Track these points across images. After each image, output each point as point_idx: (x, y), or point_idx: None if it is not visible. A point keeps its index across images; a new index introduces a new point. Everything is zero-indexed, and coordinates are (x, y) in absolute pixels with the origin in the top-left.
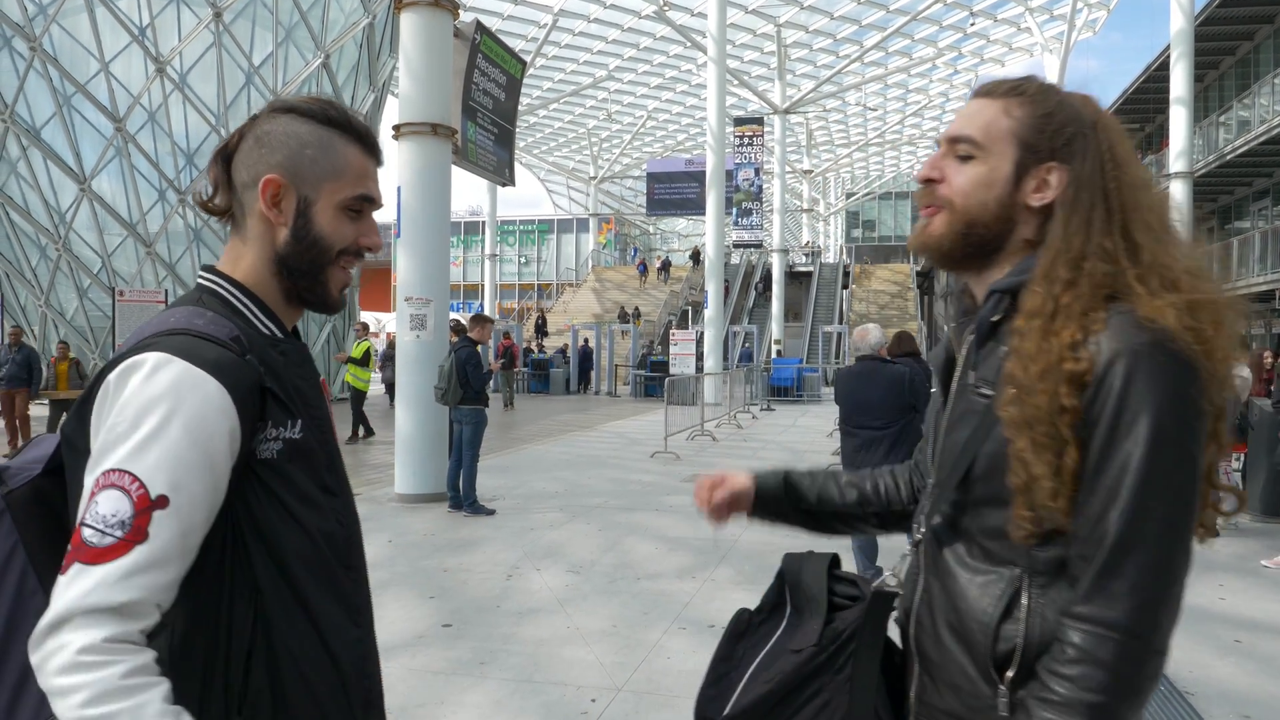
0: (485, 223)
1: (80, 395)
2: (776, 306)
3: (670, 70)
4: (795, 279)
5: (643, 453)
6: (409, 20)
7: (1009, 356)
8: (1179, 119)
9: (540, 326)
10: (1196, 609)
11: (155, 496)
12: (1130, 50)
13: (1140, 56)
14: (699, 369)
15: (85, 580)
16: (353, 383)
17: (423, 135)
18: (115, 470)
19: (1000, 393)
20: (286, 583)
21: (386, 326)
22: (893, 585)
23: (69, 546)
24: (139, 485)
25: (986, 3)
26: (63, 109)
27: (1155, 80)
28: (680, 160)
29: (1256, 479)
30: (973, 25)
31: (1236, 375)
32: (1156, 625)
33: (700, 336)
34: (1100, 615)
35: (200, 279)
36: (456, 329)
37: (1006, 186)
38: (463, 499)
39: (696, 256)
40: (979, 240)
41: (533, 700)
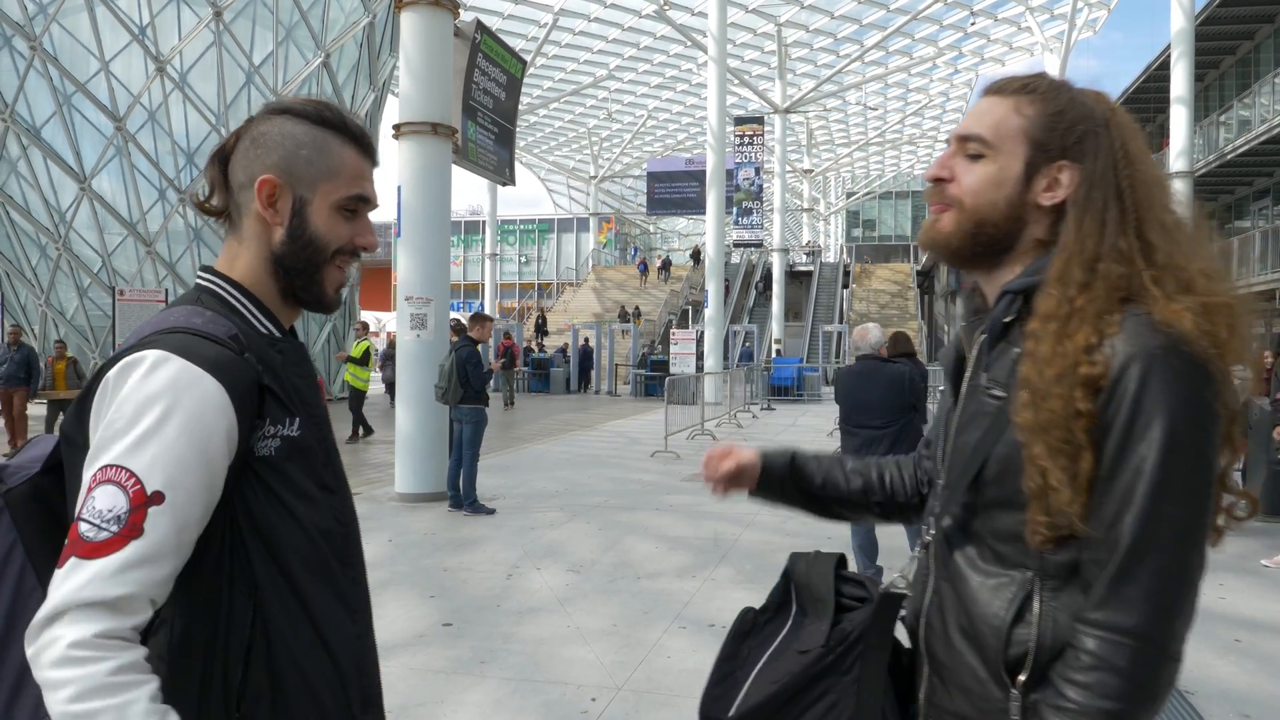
0: (485, 222)
1: (80, 393)
2: (777, 306)
3: (670, 69)
4: (795, 278)
5: (643, 452)
6: (409, 19)
7: (1023, 359)
8: (1179, 118)
9: (540, 326)
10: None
11: (151, 493)
12: (1131, 50)
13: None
14: (699, 368)
15: (81, 574)
16: (352, 382)
17: (423, 135)
18: (112, 466)
19: (1013, 395)
20: (285, 580)
21: (387, 326)
22: (901, 587)
23: (66, 541)
24: (135, 481)
25: (987, 2)
26: (63, 108)
27: (1156, 80)
28: (680, 159)
29: (1256, 478)
30: (973, 25)
31: (1236, 375)
32: (1172, 631)
33: (700, 336)
34: (1115, 621)
35: (199, 279)
36: (457, 328)
37: (1016, 186)
38: (463, 498)
39: (697, 256)
40: (988, 239)
41: (533, 699)
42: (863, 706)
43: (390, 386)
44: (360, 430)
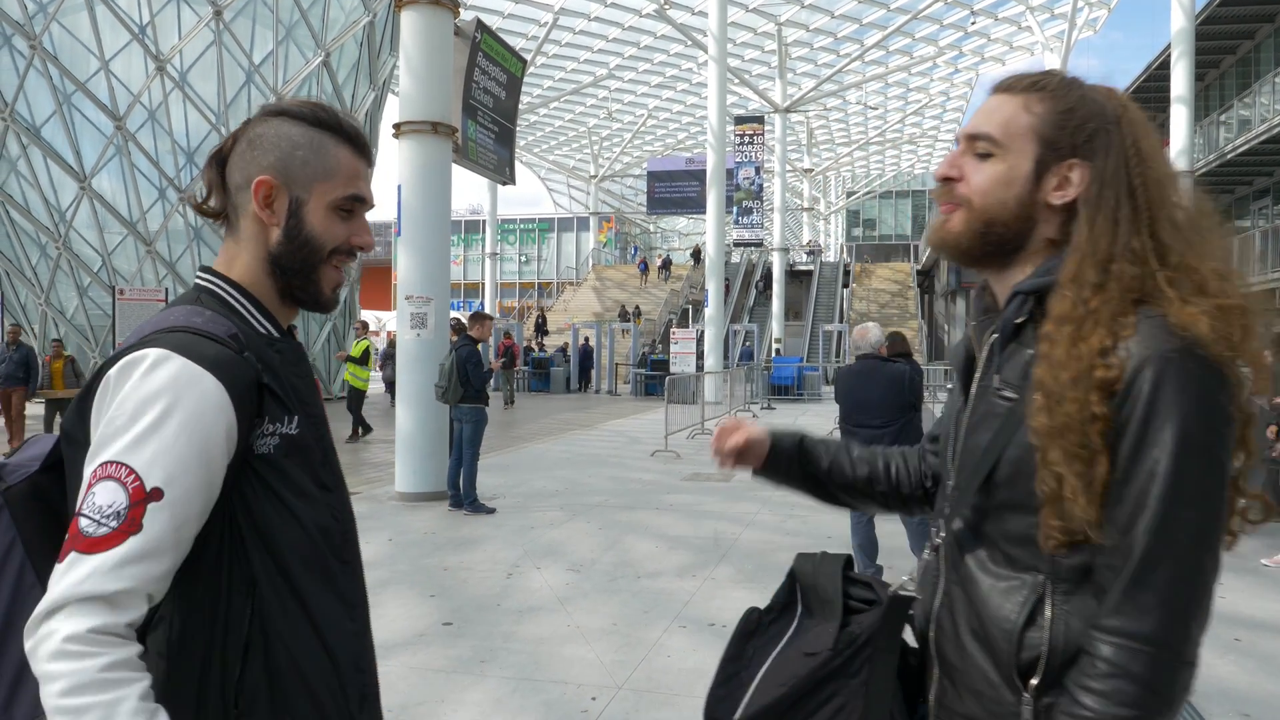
0: (486, 221)
1: (80, 391)
2: (777, 305)
3: (671, 69)
4: (796, 278)
5: (643, 451)
6: (409, 18)
7: (1038, 362)
8: (1180, 118)
9: (540, 325)
10: None
11: (150, 489)
12: (1131, 49)
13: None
14: (699, 368)
15: (80, 569)
16: (351, 381)
17: (423, 134)
18: (112, 462)
19: (1024, 397)
20: (283, 577)
21: (387, 325)
22: (910, 590)
23: (66, 536)
24: (135, 478)
25: (987, 1)
26: (63, 107)
27: (1156, 79)
28: (681, 159)
29: (1255, 478)
30: (973, 24)
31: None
32: (1188, 636)
33: (701, 335)
34: (1131, 628)
35: (198, 278)
36: (457, 328)
37: (1026, 185)
38: (463, 497)
39: (697, 255)
40: (998, 239)
41: (533, 698)
42: (871, 710)
43: (390, 385)
44: (360, 430)
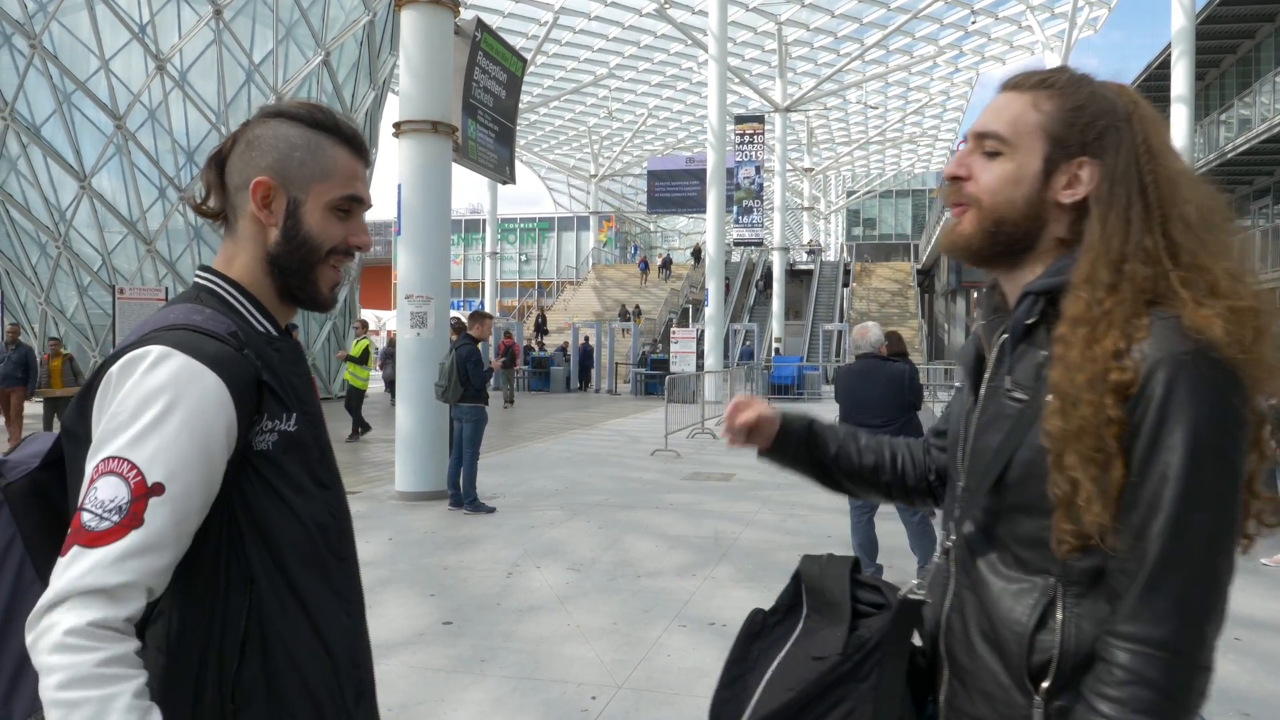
0: (486, 220)
1: (81, 388)
2: (777, 304)
3: (671, 68)
4: (796, 277)
5: (643, 451)
6: (409, 18)
7: (1053, 365)
8: (1180, 117)
9: (540, 325)
10: None
11: (152, 484)
12: (1131, 48)
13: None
14: (699, 367)
15: (83, 562)
16: (351, 381)
17: (423, 133)
18: (114, 458)
19: (1036, 399)
20: (281, 572)
21: (387, 324)
22: (920, 593)
23: (69, 530)
24: (136, 473)
25: (987, 1)
26: (63, 106)
27: (1156, 79)
28: (681, 158)
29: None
30: (974, 23)
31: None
32: (1203, 641)
33: (701, 334)
34: (1147, 634)
35: (197, 277)
36: (457, 327)
37: (1035, 183)
38: (463, 497)
39: (698, 254)
40: (1008, 239)
41: (533, 698)
42: (880, 714)
43: (390, 385)
44: (359, 429)
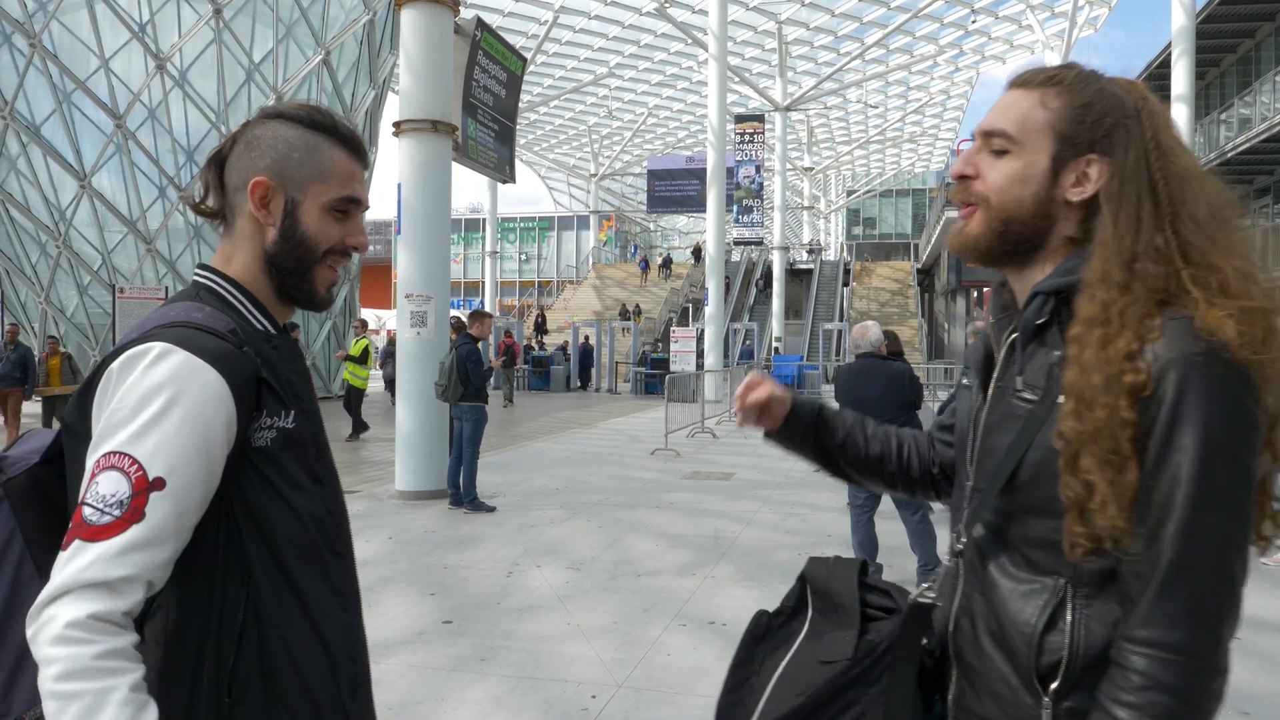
0: (486, 220)
1: (82, 384)
2: (777, 304)
3: (671, 67)
4: (796, 276)
5: (643, 450)
6: (409, 17)
7: (1068, 366)
8: (1180, 116)
9: (540, 325)
10: None
11: (153, 479)
12: (1132, 48)
13: (1142, 54)
14: (699, 366)
15: (84, 556)
16: (351, 380)
17: (423, 132)
18: (116, 453)
19: (1047, 399)
20: (278, 567)
21: (387, 323)
22: (930, 596)
23: (70, 525)
24: (138, 467)
25: (987, 0)
26: (63, 105)
27: (1156, 78)
28: (681, 157)
29: None
30: (974, 23)
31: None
32: (1219, 644)
33: (701, 334)
34: (1162, 638)
35: (196, 276)
36: (457, 326)
37: (1043, 182)
38: (463, 496)
39: (698, 253)
40: (1016, 238)
41: (533, 697)
42: (890, 718)
43: (391, 384)
44: (357, 429)
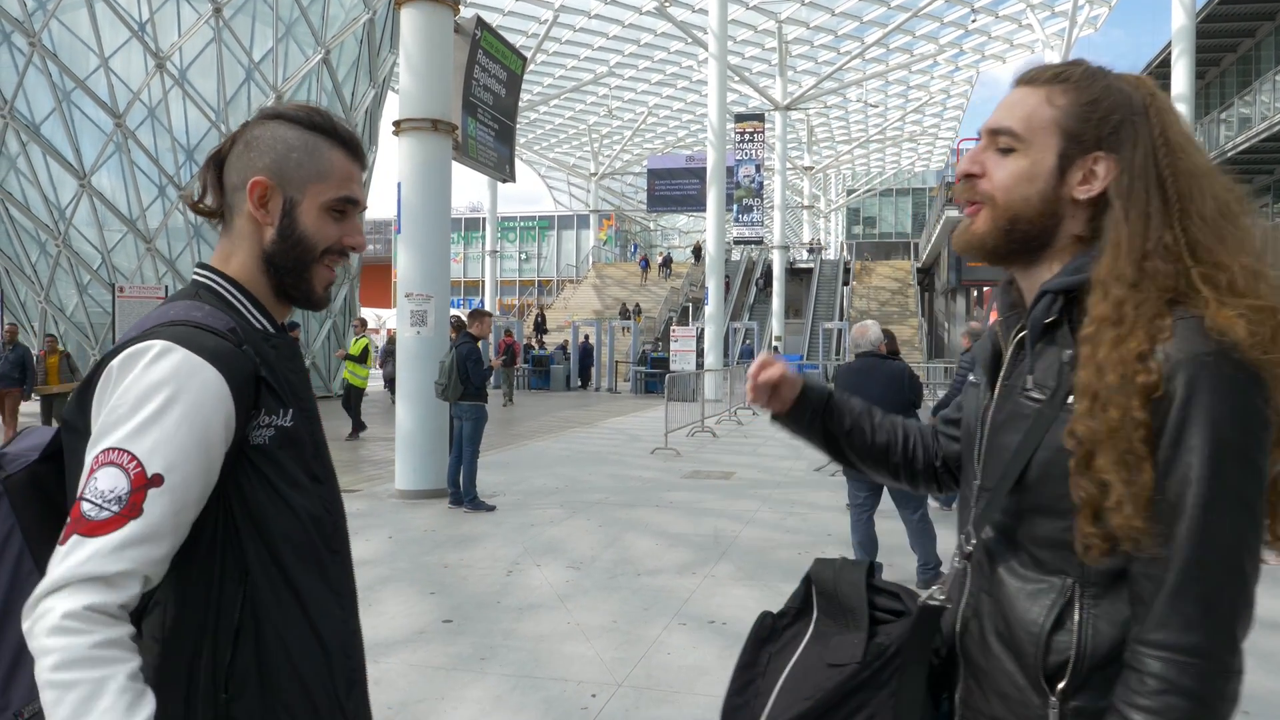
0: (486, 219)
1: (82, 382)
2: (777, 303)
3: (671, 66)
4: (796, 275)
5: (643, 449)
6: (409, 16)
7: (1081, 365)
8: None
9: (539, 324)
10: None
11: (151, 475)
12: (1132, 47)
13: (1142, 53)
14: (699, 365)
15: (82, 551)
16: (350, 379)
17: (423, 131)
18: (115, 449)
19: (1053, 398)
20: (276, 564)
21: (387, 322)
22: (940, 599)
23: (68, 520)
24: (136, 464)
25: None
26: (62, 105)
27: (1157, 77)
28: (681, 156)
29: None
30: (974, 22)
31: None
32: (1234, 646)
33: (701, 333)
34: (1177, 641)
35: (195, 275)
36: (457, 325)
37: (1050, 180)
38: (463, 495)
39: (698, 252)
40: (1023, 236)
41: (533, 695)
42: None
43: (391, 383)
44: (356, 428)
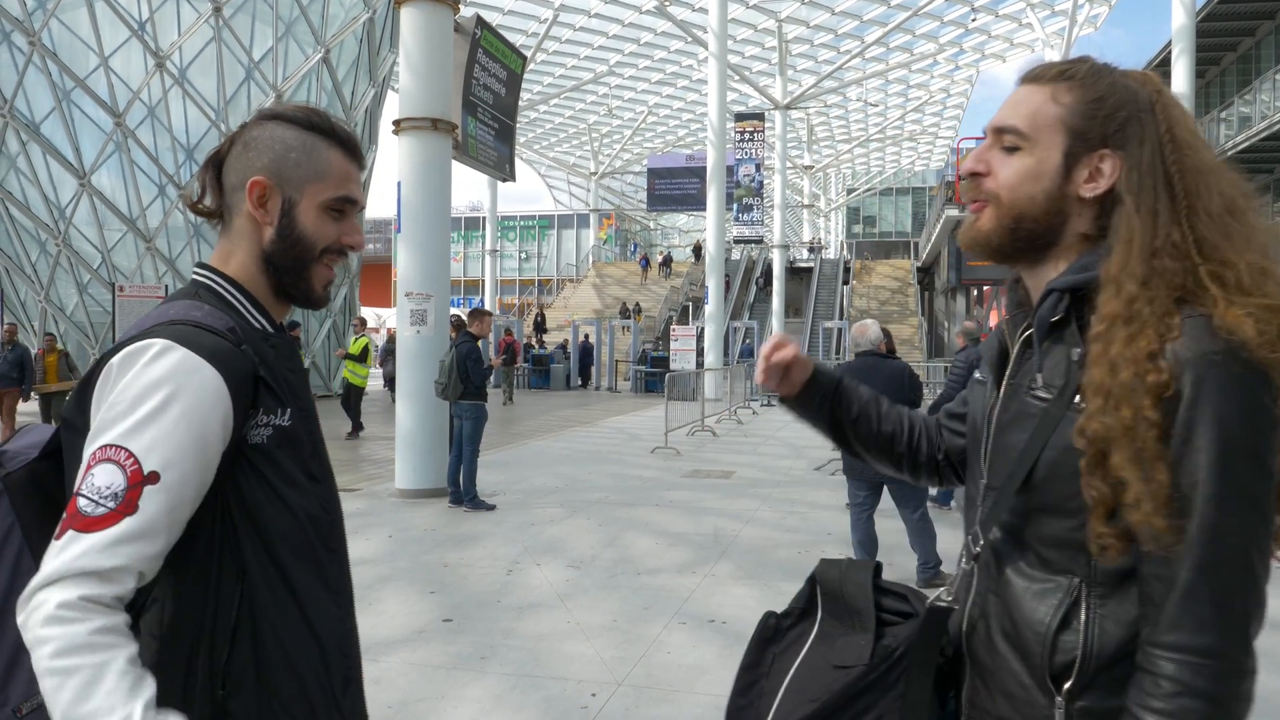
0: (486, 218)
1: (81, 380)
2: (777, 302)
3: (671, 65)
4: (796, 275)
5: (643, 448)
6: (409, 15)
7: (1092, 364)
8: None
9: (539, 324)
10: None
11: (148, 472)
12: (1132, 46)
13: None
14: (700, 364)
15: (76, 546)
16: (350, 379)
17: (423, 130)
18: (112, 446)
19: (1060, 397)
20: (273, 563)
21: (387, 321)
22: (947, 600)
23: (64, 515)
24: (133, 461)
25: None
26: (62, 104)
27: None
28: (681, 156)
29: None
30: (974, 21)
31: None
32: (1247, 646)
33: (701, 332)
34: (1190, 643)
35: (195, 274)
36: (457, 324)
37: (1056, 178)
38: (463, 494)
39: (698, 252)
40: (1029, 235)
41: (533, 695)
42: None
43: (391, 382)
44: (355, 428)
